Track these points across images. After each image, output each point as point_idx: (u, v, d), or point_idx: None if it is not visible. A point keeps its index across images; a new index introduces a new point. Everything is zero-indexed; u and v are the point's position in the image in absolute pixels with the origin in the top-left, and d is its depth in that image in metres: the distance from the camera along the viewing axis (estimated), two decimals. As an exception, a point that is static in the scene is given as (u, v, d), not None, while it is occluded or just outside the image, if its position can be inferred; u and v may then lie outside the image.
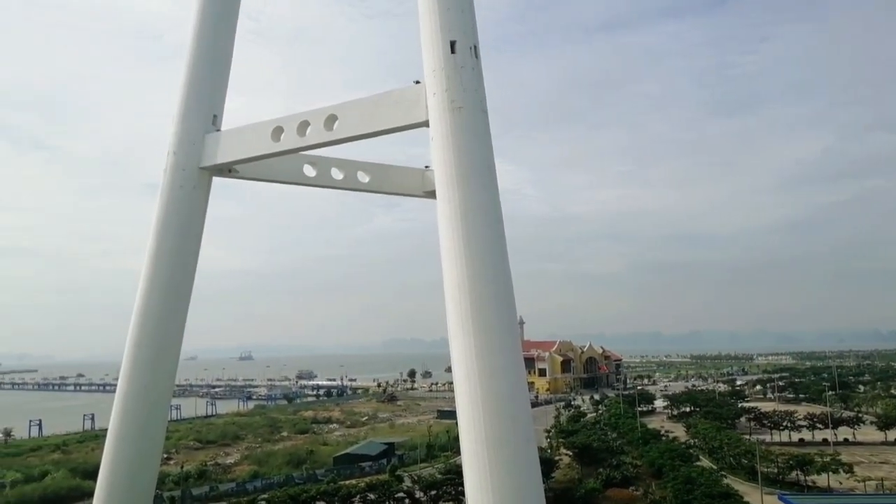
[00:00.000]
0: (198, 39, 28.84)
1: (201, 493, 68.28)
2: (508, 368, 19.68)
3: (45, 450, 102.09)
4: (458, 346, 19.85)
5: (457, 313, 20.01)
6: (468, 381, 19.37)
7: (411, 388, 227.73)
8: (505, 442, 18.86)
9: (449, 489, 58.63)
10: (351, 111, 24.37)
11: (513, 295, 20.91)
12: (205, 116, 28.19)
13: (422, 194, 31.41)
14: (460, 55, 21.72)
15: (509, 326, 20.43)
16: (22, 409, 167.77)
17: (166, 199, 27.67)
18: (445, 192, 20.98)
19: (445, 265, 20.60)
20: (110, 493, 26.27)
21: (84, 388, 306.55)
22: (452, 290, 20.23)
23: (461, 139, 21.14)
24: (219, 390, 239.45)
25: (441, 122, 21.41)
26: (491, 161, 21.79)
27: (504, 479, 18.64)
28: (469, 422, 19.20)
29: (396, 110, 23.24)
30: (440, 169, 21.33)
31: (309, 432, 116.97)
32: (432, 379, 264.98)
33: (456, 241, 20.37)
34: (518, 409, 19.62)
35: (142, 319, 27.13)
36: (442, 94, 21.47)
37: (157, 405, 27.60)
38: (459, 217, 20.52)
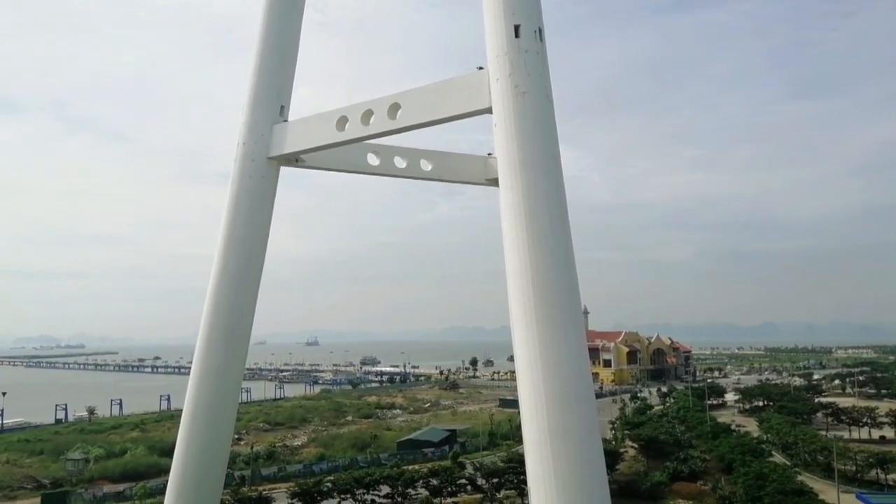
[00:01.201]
0: (265, 32, 29.44)
1: (270, 473, 70.59)
2: (572, 358, 19.38)
3: (125, 428, 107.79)
4: (520, 335, 19.67)
5: (519, 302, 19.82)
6: (531, 371, 19.19)
7: (473, 377, 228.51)
8: (568, 432, 18.61)
9: (511, 478, 58.58)
10: (414, 99, 24.37)
11: (577, 284, 20.55)
12: (272, 107, 28.79)
13: (484, 182, 31.21)
14: (524, 39, 21.33)
15: (573, 316, 20.10)
16: (104, 389, 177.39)
17: (236, 188, 28.47)
18: (508, 180, 20.74)
19: (508, 253, 20.42)
20: (185, 471, 27.43)
21: (161, 370, 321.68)
22: (515, 278, 20.04)
23: (525, 125, 20.82)
24: (287, 374, 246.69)
25: (504, 109, 21.13)
26: (555, 148, 21.40)
27: (567, 470, 18.41)
28: (531, 411, 19.03)
29: (459, 97, 23.08)
30: (503, 156, 21.09)
31: (373, 417, 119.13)
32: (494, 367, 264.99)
33: (519, 230, 20.13)
34: (582, 399, 19.31)
35: (214, 304, 28.09)
36: (505, 79, 21.18)
37: (229, 387, 28.58)
38: (522, 205, 20.26)
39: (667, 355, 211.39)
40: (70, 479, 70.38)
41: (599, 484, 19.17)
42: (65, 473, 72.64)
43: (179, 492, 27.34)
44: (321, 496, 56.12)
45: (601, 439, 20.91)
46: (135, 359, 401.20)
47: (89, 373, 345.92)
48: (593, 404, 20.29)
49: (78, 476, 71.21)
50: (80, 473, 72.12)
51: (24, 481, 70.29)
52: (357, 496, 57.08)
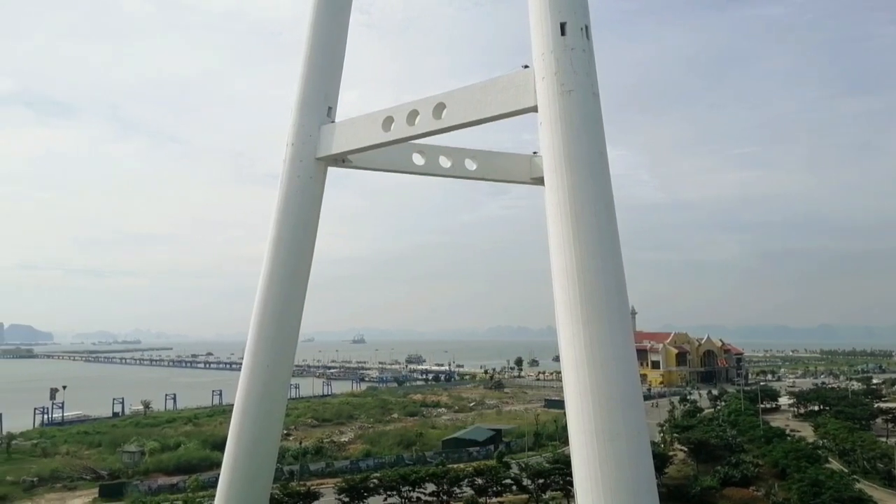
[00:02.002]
0: (313, 36, 29.97)
1: (318, 468, 71.68)
2: (619, 359, 19.17)
3: (179, 422, 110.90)
4: (566, 335, 19.54)
5: (565, 302, 19.68)
6: (577, 371, 19.04)
7: (518, 376, 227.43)
8: (615, 434, 18.41)
9: (557, 478, 58.08)
10: (459, 99, 24.45)
11: (624, 284, 20.30)
12: (320, 109, 29.30)
13: (529, 181, 31.11)
14: (571, 37, 21.17)
15: (620, 316, 19.87)
16: (159, 384, 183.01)
17: (285, 188, 29.07)
18: (554, 179, 20.62)
19: (553, 253, 20.29)
20: (236, 465, 28.14)
21: (213, 366, 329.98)
22: (561, 278, 19.91)
23: (571, 124, 20.66)
24: (334, 371, 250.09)
25: (550, 107, 21.01)
26: (602, 146, 21.18)
27: (614, 472, 18.21)
28: (578, 412, 18.89)
29: (504, 96, 23.06)
30: (549, 155, 20.97)
31: (418, 415, 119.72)
32: (539, 367, 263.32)
33: (564, 229, 19.99)
34: (629, 400, 19.08)
35: (264, 302, 28.75)
36: (551, 77, 21.05)
37: (278, 383, 29.23)
38: (568, 204, 20.11)
39: (717, 357, 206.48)
40: (126, 470, 72.83)
41: (648, 487, 18.91)
42: (121, 465, 75.22)
43: (231, 485, 28.07)
44: (367, 492, 56.66)
45: (649, 442, 20.62)
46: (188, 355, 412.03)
47: (145, 368, 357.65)
48: (641, 406, 20.03)
49: (134, 468, 73.64)
50: (135, 465, 74.56)
51: (84, 472, 73.06)
52: (403, 493, 57.45)
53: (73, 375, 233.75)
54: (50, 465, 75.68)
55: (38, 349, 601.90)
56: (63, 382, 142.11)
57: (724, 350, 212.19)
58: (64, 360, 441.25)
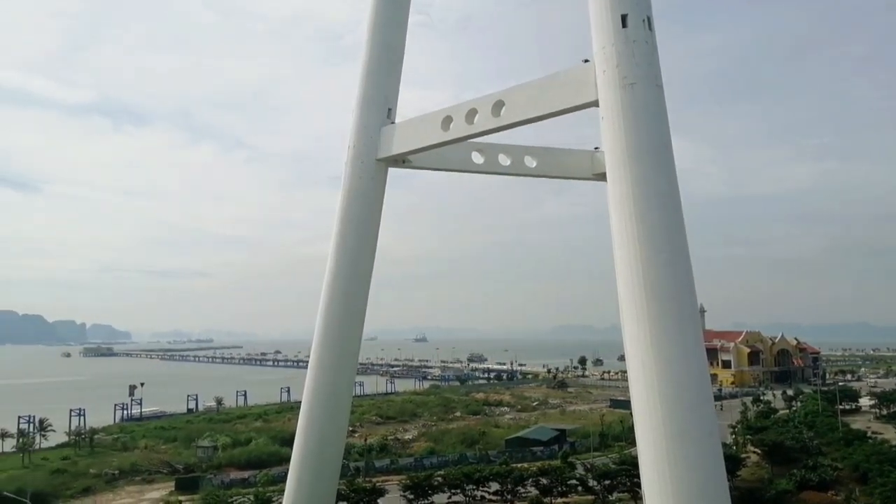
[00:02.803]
0: (372, 38, 30.33)
1: (383, 465, 72.64)
2: (688, 358, 18.64)
3: (250, 418, 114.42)
4: (632, 334, 19.12)
5: (630, 301, 19.26)
6: (644, 371, 18.62)
7: (582, 376, 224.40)
8: (685, 435, 17.90)
9: (624, 480, 57.09)
10: (518, 96, 24.26)
11: (692, 281, 19.72)
12: (380, 110, 29.62)
13: (591, 177, 30.59)
14: (632, 28, 20.70)
15: (688, 314, 19.31)
16: (230, 382, 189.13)
17: (347, 190, 29.53)
18: (617, 174, 20.21)
19: (617, 250, 19.89)
20: (304, 461, 28.78)
21: (281, 364, 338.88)
22: (625, 276, 19.50)
23: (633, 117, 20.20)
24: (397, 370, 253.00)
25: (611, 101, 20.60)
26: (667, 139, 20.62)
27: (684, 474, 17.71)
28: (645, 412, 18.46)
29: (564, 91, 22.74)
30: (611, 150, 20.57)
31: (481, 414, 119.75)
32: (604, 367, 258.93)
33: (629, 225, 19.56)
34: (699, 401, 18.53)
35: (329, 301, 29.29)
36: (612, 70, 20.64)
37: (343, 381, 29.73)
38: (632, 199, 19.67)
39: (792, 356, 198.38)
40: (201, 464, 75.67)
41: (719, 490, 18.33)
42: (196, 459, 78.19)
43: (299, 480, 28.73)
44: (432, 490, 57.09)
45: (721, 443, 19.99)
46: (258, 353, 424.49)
47: (217, 366, 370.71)
48: (712, 406, 19.44)
49: (208, 462, 76.43)
50: (209, 460, 77.37)
51: (161, 466, 76.29)
52: (467, 491, 57.64)
53: (150, 373, 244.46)
54: (129, 458, 79.37)
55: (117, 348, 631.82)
56: (141, 380, 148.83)
57: (799, 349, 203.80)
58: (141, 359, 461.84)
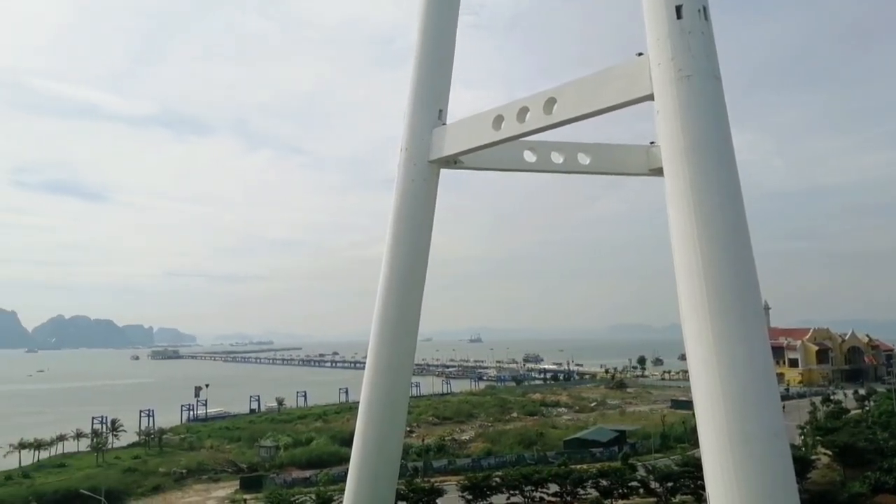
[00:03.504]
0: (422, 40, 30.47)
1: (441, 465, 72.96)
2: (752, 357, 18.03)
3: (310, 418, 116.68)
4: (693, 333, 18.62)
5: (691, 298, 18.76)
6: (706, 371, 18.11)
7: (641, 376, 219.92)
8: (750, 436, 17.33)
9: (687, 482, 55.76)
10: (570, 92, 23.95)
11: (755, 277, 19.07)
12: (431, 112, 29.74)
13: (647, 172, 29.95)
14: (688, 19, 20.18)
15: (752, 312, 18.68)
16: (290, 382, 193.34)
17: (400, 192, 29.75)
18: (674, 169, 19.72)
19: (676, 247, 19.41)
20: (363, 461, 29.12)
21: (339, 365, 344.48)
22: (685, 273, 19.00)
23: (690, 110, 19.68)
24: (452, 370, 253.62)
25: (667, 94, 20.13)
26: (725, 131, 20.02)
27: (751, 477, 17.15)
28: (708, 413, 17.94)
29: (618, 86, 22.35)
30: (667, 144, 20.10)
31: (538, 415, 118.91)
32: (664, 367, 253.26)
33: (687, 221, 19.06)
34: (765, 401, 17.90)
35: (384, 303, 29.57)
36: (668, 63, 20.16)
37: (400, 382, 29.96)
38: (690, 194, 19.16)
39: (864, 354, 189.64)
40: (263, 464, 77.59)
41: (788, 493, 17.69)
42: (259, 459, 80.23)
43: (359, 480, 29.09)
44: (490, 491, 57.00)
45: (789, 445, 19.27)
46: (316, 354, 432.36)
47: (277, 367, 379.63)
48: (778, 407, 18.75)
49: (270, 462, 78.32)
50: (272, 459, 79.26)
51: (226, 465, 78.58)
52: (525, 492, 57.31)
53: (214, 374, 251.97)
54: (196, 458, 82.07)
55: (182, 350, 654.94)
56: (205, 381, 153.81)
57: (871, 346, 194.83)
58: (205, 361, 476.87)
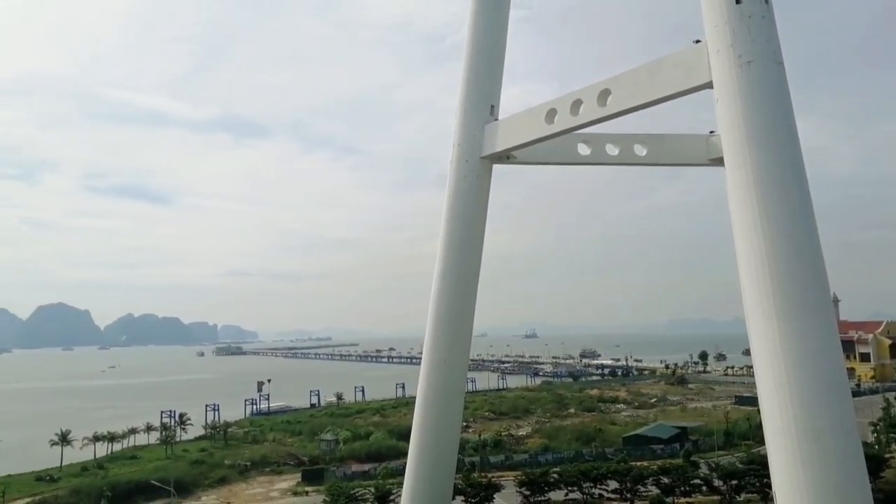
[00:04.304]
0: (473, 37, 30.49)
1: (498, 460, 72.95)
2: (821, 352, 17.38)
3: (368, 412, 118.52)
4: (757, 327, 18.07)
5: (755, 291, 18.21)
6: (772, 366, 17.55)
7: (703, 371, 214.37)
8: (820, 433, 16.72)
9: (752, 480, 54.18)
10: (625, 83, 23.55)
11: (823, 269, 18.36)
12: (483, 108, 29.73)
13: (707, 162, 29.21)
14: (747, 3, 19.53)
15: (820, 305, 18.00)
16: (348, 378, 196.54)
17: (453, 188, 29.87)
18: (735, 158, 19.17)
19: (739, 239, 18.86)
20: (420, 455, 29.43)
21: (395, 360, 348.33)
22: (748, 266, 18.45)
23: (752, 97, 19.08)
24: (508, 366, 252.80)
25: (727, 81, 19.56)
26: (789, 118, 19.32)
27: (820, 475, 16.56)
28: (775, 410, 17.40)
29: (674, 75, 21.85)
30: (728, 133, 19.55)
31: (596, 411, 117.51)
32: (727, 362, 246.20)
33: (750, 212, 18.49)
34: (834, 397, 17.25)
35: (438, 299, 29.77)
36: (727, 49, 19.59)
37: (456, 377, 30.13)
38: (753, 184, 18.58)
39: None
40: (324, 457, 79.24)
41: (859, 491, 17.01)
42: (319, 452, 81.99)
43: (417, 474, 29.44)
44: (548, 487, 56.66)
45: (860, 442, 18.51)
46: (373, 350, 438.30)
47: (335, 362, 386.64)
48: (849, 403, 18.04)
49: (330, 455, 79.93)
50: (332, 453, 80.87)
51: (288, 458, 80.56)
52: (584, 489, 56.74)
53: (275, 370, 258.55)
54: (259, 451, 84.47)
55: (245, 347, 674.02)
56: (267, 376, 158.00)
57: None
58: (267, 357, 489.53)
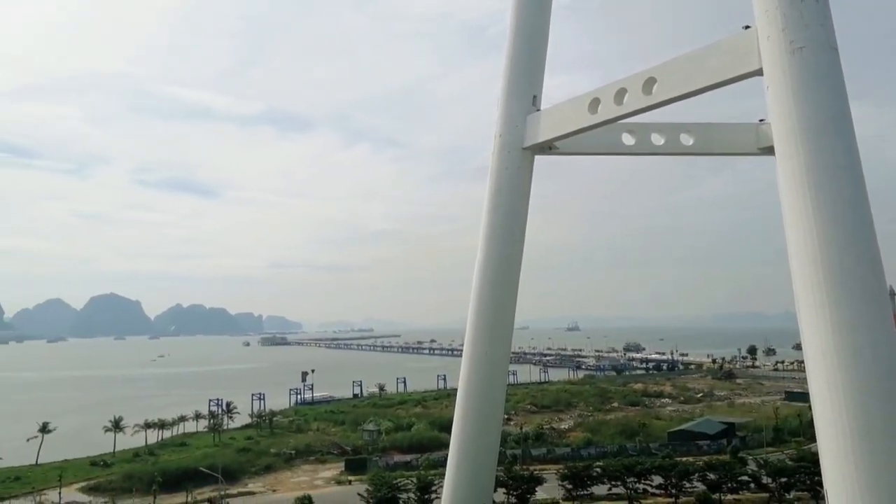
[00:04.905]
0: (516, 27, 30.19)
1: (539, 453, 72.78)
2: (876, 346, 16.76)
3: (409, 404, 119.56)
4: (810, 321, 17.52)
5: (807, 284, 17.64)
6: (824, 361, 17.00)
7: (752, 366, 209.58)
8: (874, 432, 16.15)
9: (803, 478, 52.84)
10: (671, 71, 23.01)
11: (879, 260, 17.68)
12: (525, 98, 29.45)
13: (756, 151, 28.38)
14: (800, -13, 18.89)
15: (875, 297, 17.34)
16: (390, 369, 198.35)
17: (495, 180, 29.70)
18: (787, 147, 18.56)
19: (790, 230, 18.29)
20: (462, 447, 29.48)
21: (436, 352, 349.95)
22: (800, 257, 17.88)
23: (803, 84, 18.43)
24: (549, 359, 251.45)
25: (778, 68, 18.94)
26: (843, 106, 18.60)
27: (874, 474, 16.00)
28: (827, 406, 16.86)
29: (722, 62, 21.27)
30: (779, 121, 18.93)
31: (640, 405, 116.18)
32: (776, 357, 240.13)
33: (802, 202, 17.90)
34: (890, 393, 16.60)
35: (479, 291, 29.70)
36: (778, 35, 18.96)
37: (497, 369, 30.06)
38: (805, 174, 17.98)
39: None
40: (367, 447, 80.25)
41: (919, 494, 16.37)
42: (362, 442, 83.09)
43: (458, 466, 29.50)
44: (590, 480, 56.27)
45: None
46: (414, 342, 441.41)
47: (377, 354, 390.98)
48: (908, 400, 17.37)
49: (373, 445, 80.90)
50: (374, 443, 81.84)
51: (331, 447, 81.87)
52: (628, 484, 56.15)
53: (319, 360, 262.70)
54: (304, 440, 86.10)
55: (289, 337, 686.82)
56: (311, 367, 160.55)
57: None
58: (310, 347, 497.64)
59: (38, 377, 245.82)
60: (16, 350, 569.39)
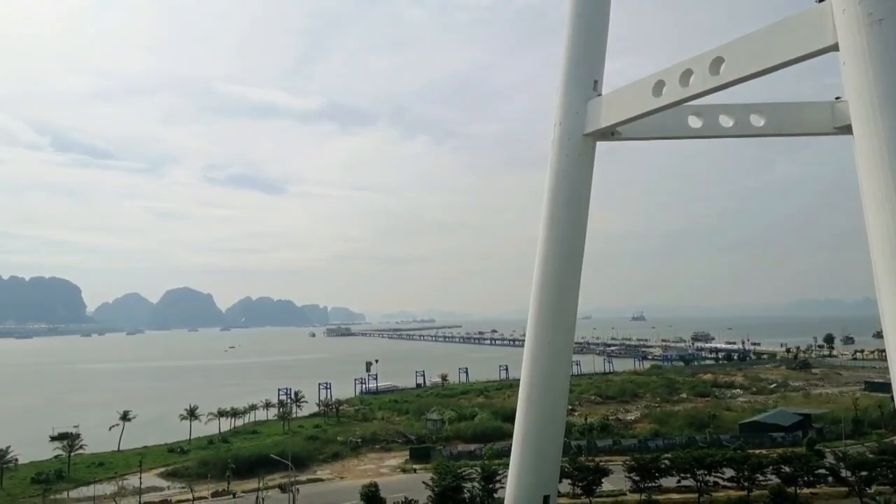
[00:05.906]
0: (575, 11, 29.64)
1: (605, 445, 71.88)
2: (968, 335, 15.79)
3: (472, 394, 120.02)
4: (891, 307, 16.65)
5: (888, 269, 16.77)
6: (909, 350, 16.14)
7: (828, 356, 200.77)
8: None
9: (885, 472, 50.46)
10: (739, 49, 22.16)
11: (970, 243, 16.61)
12: (585, 84, 28.93)
13: (833, 131, 27.06)
14: (879, -46, 17.84)
15: (967, 283, 16.31)
16: (452, 359, 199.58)
17: (555, 168, 29.35)
18: (865, 126, 17.63)
19: (869, 212, 17.40)
20: (526, 437, 29.44)
21: (497, 342, 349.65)
22: (881, 242, 16.99)
23: (883, 58, 17.45)
24: (614, 349, 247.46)
25: (855, 42, 17.99)
26: (929, 78, 17.51)
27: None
28: (912, 398, 16.03)
29: (795, 38, 20.33)
30: (857, 98, 17.99)
31: (709, 396, 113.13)
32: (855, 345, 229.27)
33: (882, 183, 17.00)
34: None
35: (541, 281, 29.49)
36: (854, 7, 17.99)
37: (560, 360, 29.83)
38: (885, 153, 17.05)
39: None
40: (430, 436, 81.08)
41: None
42: (426, 431, 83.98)
43: (522, 456, 29.49)
44: (658, 473, 55.23)
45: None
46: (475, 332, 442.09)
47: (439, 344, 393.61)
48: None
49: (437, 434, 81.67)
50: (438, 432, 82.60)
51: (396, 436, 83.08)
52: (698, 476, 54.84)
53: (382, 351, 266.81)
54: (369, 428, 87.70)
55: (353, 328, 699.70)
56: (375, 357, 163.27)
57: None
58: (374, 338, 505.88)
59: (119, 368, 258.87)
60: (98, 342, 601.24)
